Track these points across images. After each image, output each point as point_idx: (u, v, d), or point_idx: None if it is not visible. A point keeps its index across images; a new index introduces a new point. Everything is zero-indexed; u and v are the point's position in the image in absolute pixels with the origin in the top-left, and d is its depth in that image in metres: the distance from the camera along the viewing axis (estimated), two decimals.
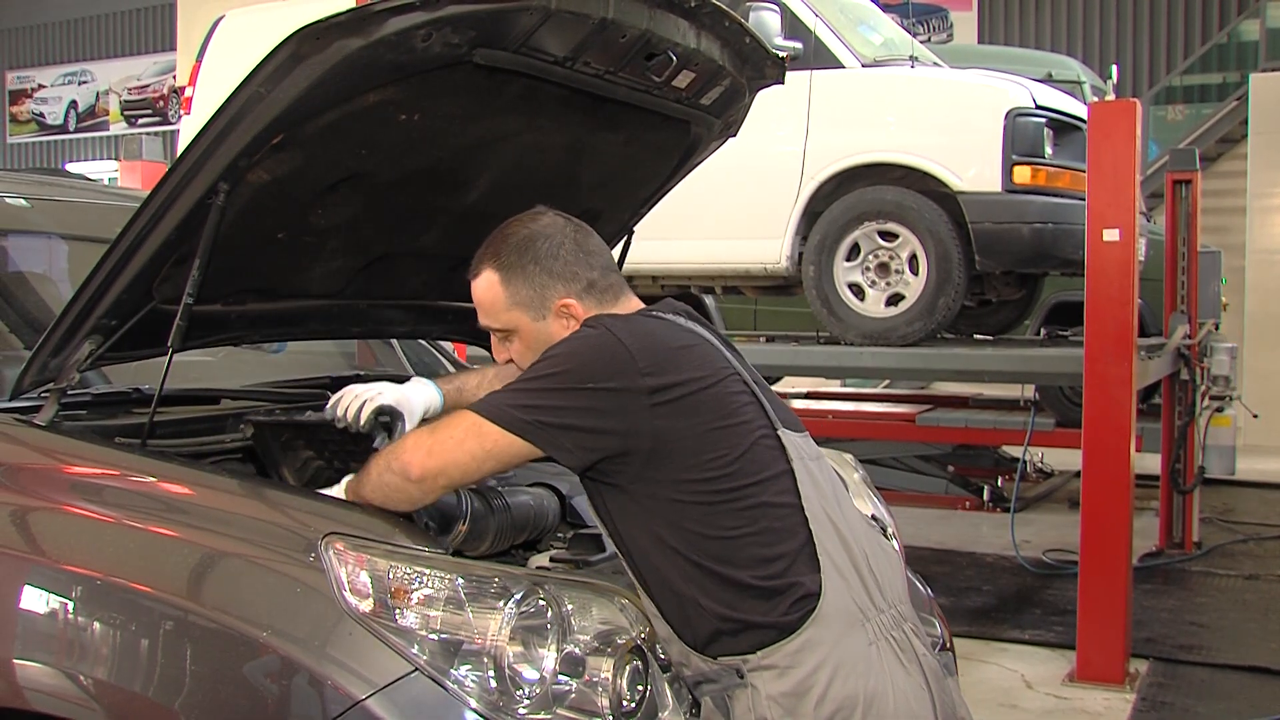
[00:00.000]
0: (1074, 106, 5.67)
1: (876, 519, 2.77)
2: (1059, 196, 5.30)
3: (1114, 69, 5.75)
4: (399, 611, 1.82)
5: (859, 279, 5.53)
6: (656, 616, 1.93)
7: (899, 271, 5.46)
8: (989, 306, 6.64)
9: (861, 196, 5.49)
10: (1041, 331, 7.46)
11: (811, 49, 5.69)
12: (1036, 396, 7.33)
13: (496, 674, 1.80)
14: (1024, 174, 5.24)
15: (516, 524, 2.31)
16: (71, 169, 14.45)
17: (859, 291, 5.53)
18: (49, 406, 2.22)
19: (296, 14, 2.68)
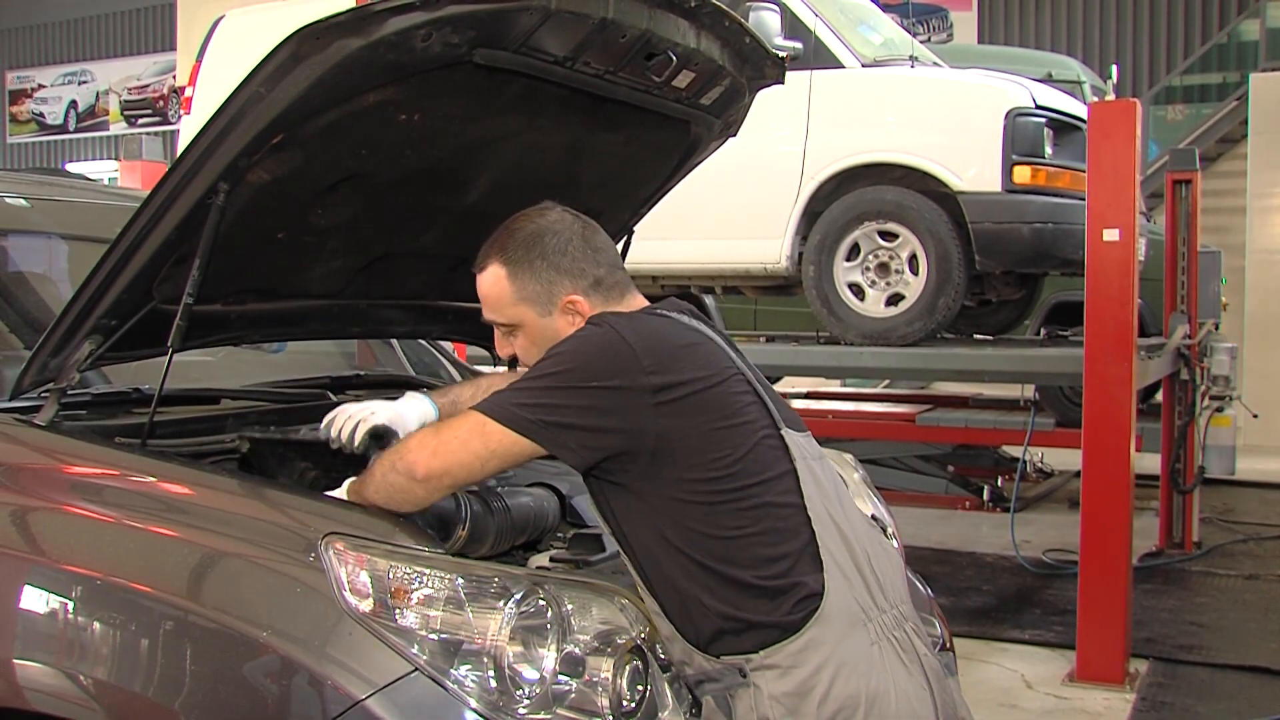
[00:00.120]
0: (1074, 106, 5.67)
1: (876, 519, 2.78)
2: (1059, 196, 5.30)
3: (1114, 69, 5.74)
4: (399, 611, 1.82)
5: (859, 279, 5.52)
6: (659, 615, 1.93)
7: (899, 271, 5.46)
8: (989, 306, 6.64)
9: (861, 196, 5.49)
10: (1041, 331, 7.46)
11: (811, 49, 5.69)
12: (1036, 396, 7.33)
13: (496, 674, 1.80)
14: (1024, 174, 5.24)
15: (516, 525, 2.31)
16: (71, 169, 14.41)
17: (859, 291, 5.53)
18: (49, 406, 2.22)
19: (296, 14, 2.68)
